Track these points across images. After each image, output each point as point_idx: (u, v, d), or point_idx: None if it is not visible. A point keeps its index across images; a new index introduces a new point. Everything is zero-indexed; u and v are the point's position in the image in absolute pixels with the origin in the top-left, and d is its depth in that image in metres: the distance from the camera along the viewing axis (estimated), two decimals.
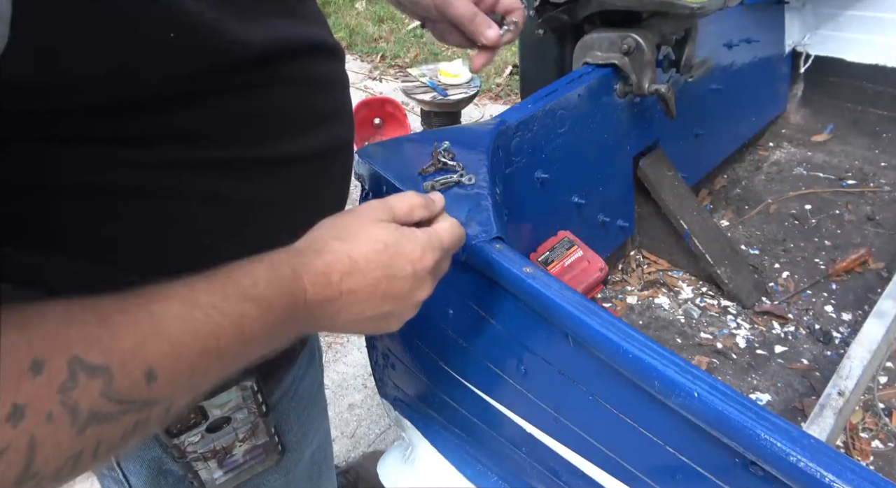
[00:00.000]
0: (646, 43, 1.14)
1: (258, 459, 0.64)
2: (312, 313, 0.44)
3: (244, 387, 0.56)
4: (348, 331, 0.49)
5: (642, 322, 1.36)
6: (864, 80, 1.77)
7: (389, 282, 0.47)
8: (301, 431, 0.72)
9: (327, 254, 0.44)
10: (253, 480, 0.68)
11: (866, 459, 1.11)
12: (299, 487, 0.77)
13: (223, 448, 0.59)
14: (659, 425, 0.61)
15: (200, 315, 0.36)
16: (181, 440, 0.55)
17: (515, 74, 3.69)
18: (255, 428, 0.60)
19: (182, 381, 0.35)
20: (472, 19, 0.69)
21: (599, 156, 1.26)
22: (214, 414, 0.56)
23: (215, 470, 0.60)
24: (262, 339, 0.40)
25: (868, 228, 1.54)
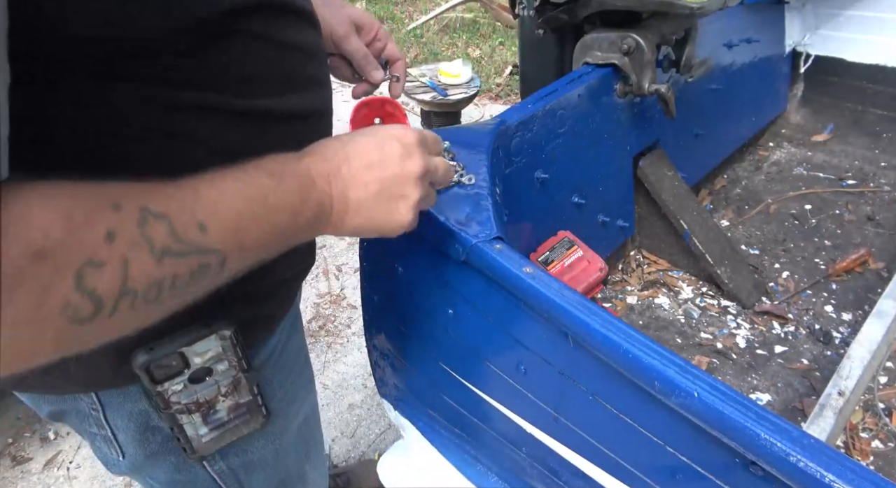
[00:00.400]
0: (646, 43, 1.14)
1: (242, 419, 0.66)
2: (323, 189, 0.51)
3: (223, 337, 0.58)
4: (363, 221, 0.54)
5: (642, 322, 1.36)
6: (864, 80, 1.77)
7: (378, 151, 0.54)
8: (286, 399, 0.74)
9: (323, 143, 0.54)
10: (240, 444, 0.69)
11: (866, 459, 1.11)
12: (288, 459, 0.80)
13: (206, 401, 0.61)
14: (659, 425, 0.61)
15: (235, 185, 0.44)
16: (165, 387, 0.57)
17: (515, 74, 3.69)
18: (237, 384, 0.62)
19: (229, 237, 0.42)
20: (363, 57, 0.79)
21: (599, 156, 1.26)
22: (195, 363, 0.57)
23: (200, 425, 0.62)
24: (285, 208, 0.47)
25: (868, 228, 1.54)
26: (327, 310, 2.17)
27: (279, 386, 0.72)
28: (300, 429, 0.81)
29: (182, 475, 0.69)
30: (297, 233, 0.50)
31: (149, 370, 0.55)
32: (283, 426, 0.75)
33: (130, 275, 0.36)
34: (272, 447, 0.75)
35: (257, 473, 0.75)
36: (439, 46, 4.24)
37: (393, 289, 0.89)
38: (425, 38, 4.35)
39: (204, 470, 0.70)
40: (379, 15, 4.75)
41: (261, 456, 0.74)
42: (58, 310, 0.33)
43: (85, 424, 0.64)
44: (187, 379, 0.58)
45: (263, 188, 0.46)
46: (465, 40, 4.30)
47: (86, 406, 0.61)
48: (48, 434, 1.81)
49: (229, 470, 0.72)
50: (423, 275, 0.82)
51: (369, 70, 0.79)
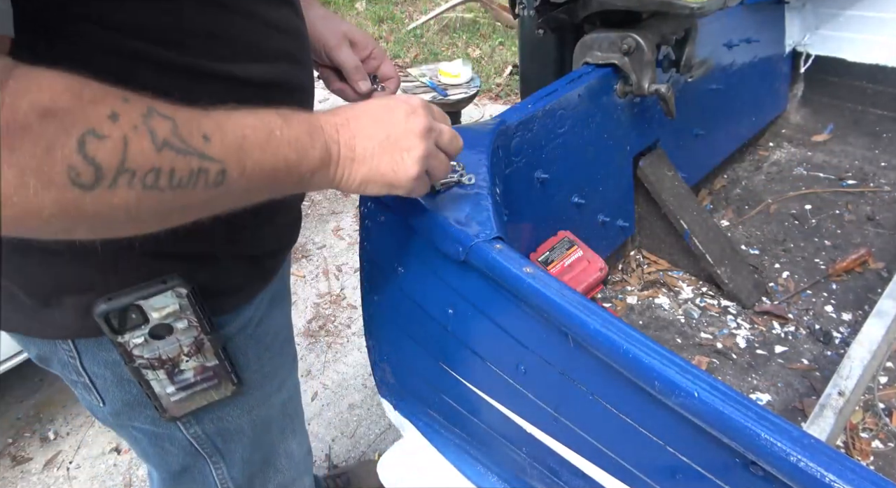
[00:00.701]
0: (646, 43, 1.14)
1: (210, 383, 0.68)
2: (331, 135, 0.55)
3: (179, 294, 0.60)
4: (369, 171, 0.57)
5: (642, 322, 1.36)
6: (864, 80, 1.77)
7: (385, 110, 0.59)
8: (263, 373, 0.76)
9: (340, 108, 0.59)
10: (214, 411, 0.73)
11: (866, 459, 1.11)
12: (269, 435, 0.83)
13: (170, 359, 0.63)
14: (659, 425, 0.61)
15: (243, 114, 0.49)
16: (126, 339, 0.60)
17: (515, 74, 3.69)
18: (200, 345, 0.64)
19: (231, 154, 0.46)
20: (353, 69, 0.82)
21: (599, 156, 1.26)
22: (153, 318, 0.60)
23: (167, 383, 0.65)
24: (289, 143, 0.51)
25: (868, 228, 1.54)
26: (327, 310, 2.17)
27: (255, 358, 0.74)
28: (284, 407, 0.84)
29: (161, 429, 0.72)
30: (303, 175, 0.53)
31: (108, 319, 0.58)
32: (260, 399, 0.78)
33: (130, 154, 0.40)
34: (248, 418, 0.77)
35: (235, 443, 0.78)
36: (439, 46, 4.24)
37: (393, 288, 0.89)
38: (425, 38, 4.35)
39: (180, 432, 0.73)
40: (379, 15, 4.75)
41: (237, 426, 0.77)
42: (61, 168, 0.37)
43: (66, 371, 0.67)
44: (147, 334, 0.61)
45: (271, 122, 0.50)
46: (465, 40, 4.30)
47: (65, 353, 0.64)
48: (48, 434, 1.81)
49: (205, 436, 0.75)
50: (423, 275, 0.82)
51: (356, 79, 0.83)
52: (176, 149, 0.42)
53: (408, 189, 0.60)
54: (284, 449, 0.88)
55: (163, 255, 0.60)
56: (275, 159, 0.50)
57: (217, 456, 0.78)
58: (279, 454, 0.87)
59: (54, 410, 1.89)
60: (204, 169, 0.44)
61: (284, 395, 0.84)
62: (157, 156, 0.41)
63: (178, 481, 0.80)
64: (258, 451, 0.82)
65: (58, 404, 1.91)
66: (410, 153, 0.58)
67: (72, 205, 0.38)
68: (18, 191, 0.35)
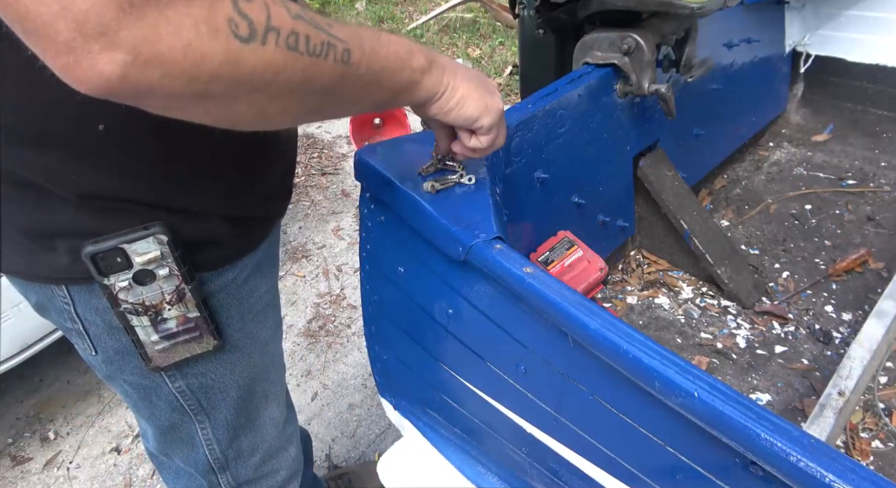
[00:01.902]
0: (646, 43, 1.14)
1: (192, 335, 0.71)
2: (433, 54, 0.62)
3: (161, 241, 0.64)
4: (467, 89, 0.64)
5: (642, 322, 1.36)
6: (864, 80, 1.77)
7: (478, 79, 0.67)
8: (244, 331, 0.79)
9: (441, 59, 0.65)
10: (197, 366, 0.76)
11: (866, 459, 1.11)
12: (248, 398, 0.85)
13: (153, 305, 0.67)
14: (659, 425, 0.62)
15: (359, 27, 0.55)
16: (111, 282, 0.64)
17: (515, 74, 3.68)
18: (181, 295, 0.68)
19: (352, 38, 0.52)
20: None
21: (599, 156, 1.26)
22: (136, 262, 0.64)
23: (151, 331, 0.69)
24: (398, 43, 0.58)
25: (868, 228, 1.54)
26: (327, 310, 2.17)
27: (237, 317, 0.77)
28: (266, 372, 0.87)
29: (148, 381, 0.76)
30: (413, 72, 0.59)
31: (95, 261, 0.62)
32: (242, 359, 0.81)
33: (273, 14, 0.45)
34: (232, 378, 0.81)
35: (219, 402, 0.82)
36: (439, 46, 4.24)
37: (393, 289, 0.89)
38: (425, 38, 4.35)
39: (166, 385, 0.77)
40: (379, 15, 4.75)
41: (220, 385, 0.80)
42: (223, 18, 0.42)
43: (62, 319, 0.71)
44: (132, 278, 0.64)
45: (379, 32, 0.56)
46: (465, 40, 4.30)
47: (60, 300, 0.68)
48: (48, 434, 1.81)
49: (189, 392, 0.78)
50: (423, 275, 0.82)
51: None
52: (307, 22, 0.48)
53: (498, 116, 0.67)
54: (269, 415, 0.91)
55: (152, 206, 0.63)
56: (387, 51, 0.55)
57: (202, 415, 0.81)
58: (264, 421, 0.90)
59: (54, 410, 1.89)
60: (332, 44, 0.49)
61: (267, 359, 0.87)
62: (293, 22, 0.46)
63: (167, 437, 0.83)
64: (242, 414, 0.85)
65: (58, 404, 1.91)
66: (496, 98, 0.67)
67: (234, 56, 0.43)
68: (196, 36, 0.41)
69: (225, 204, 0.69)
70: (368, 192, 0.86)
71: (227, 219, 0.70)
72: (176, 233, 0.65)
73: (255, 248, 0.77)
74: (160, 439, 0.84)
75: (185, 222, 0.66)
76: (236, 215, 0.71)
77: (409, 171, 0.79)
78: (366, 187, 0.85)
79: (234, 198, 0.70)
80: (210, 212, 0.68)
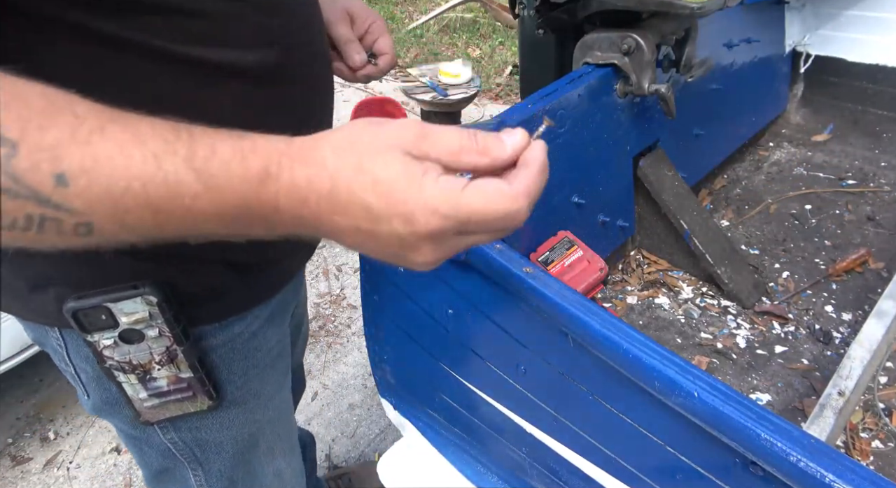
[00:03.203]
0: (646, 43, 1.14)
1: (186, 395, 0.66)
2: (295, 223, 0.40)
3: (150, 302, 0.58)
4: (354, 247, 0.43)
5: (642, 322, 1.36)
6: (864, 80, 1.77)
7: (370, 235, 0.40)
8: (247, 388, 0.72)
9: (313, 166, 0.38)
10: (191, 421, 0.70)
11: (866, 459, 1.11)
12: (255, 451, 0.78)
13: (140, 365, 0.62)
14: (659, 425, 0.61)
15: (138, 155, 0.35)
16: (95, 339, 0.59)
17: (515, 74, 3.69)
18: (172, 356, 0.62)
19: (101, 206, 0.35)
20: (346, 42, 0.76)
21: (599, 156, 1.26)
22: (123, 322, 0.58)
23: (139, 388, 0.64)
24: (212, 219, 0.38)
25: (868, 228, 1.54)
26: (327, 310, 2.17)
27: (240, 373, 0.70)
28: (272, 426, 0.80)
29: (138, 431, 0.71)
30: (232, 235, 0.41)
31: (77, 317, 0.58)
32: (242, 417, 0.74)
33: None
34: (229, 434, 0.74)
35: (214, 456, 0.75)
36: (439, 46, 4.24)
37: (393, 288, 0.89)
38: (425, 38, 4.35)
39: (157, 436, 0.71)
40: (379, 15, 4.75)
41: (216, 440, 0.73)
42: None
43: (57, 358, 0.67)
44: (117, 337, 0.59)
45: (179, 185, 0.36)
46: (465, 40, 4.30)
47: (54, 341, 0.64)
48: (48, 434, 1.81)
49: (183, 444, 0.72)
50: (423, 276, 0.82)
51: (349, 53, 0.76)
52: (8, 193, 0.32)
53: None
54: (274, 469, 0.84)
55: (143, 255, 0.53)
56: (184, 227, 0.38)
57: (195, 464, 0.75)
58: (266, 473, 0.83)
59: (54, 410, 1.89)
60: (52, 218, 0.34)
61: (272, 413, 0.79)
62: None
63: (159, 478, 0.78)
64: (240, 467, 0.79)
65: (58, 404, 1.91)
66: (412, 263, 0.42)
67: None
68: None
69: (228, 249, 0.57)
70: None
71: (232, 267, 0.62)
72: (171, 287, 0.58)
73: (267, 299, 0.70)
74: (152, 480, 0.80)
75: (182, 273, 0.59)
76: (243, 261, 0.63)
77: None
78: None
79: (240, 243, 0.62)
80: (211, 260, 0.60)
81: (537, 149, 0.42)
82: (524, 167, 0.41)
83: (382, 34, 0.79)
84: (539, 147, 0.42)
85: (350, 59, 0.76)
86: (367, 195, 0.38)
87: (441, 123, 2.04)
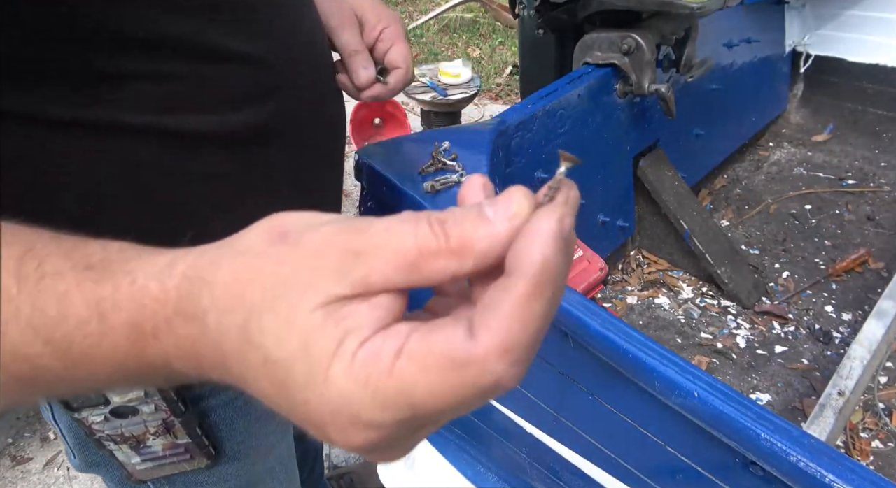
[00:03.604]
0: (646, 43, 1.14)
1: (183, 457, 0.62)
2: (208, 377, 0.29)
3: None
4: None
5: (642, 322, 1.36)
6: (864, 80, 1.77)
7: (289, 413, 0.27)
8: (248, 443, 0.68)
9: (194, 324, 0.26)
10: (188, 476, 0.65)
11: (866, 459, 1.11)
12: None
13: (134, 436, 0.57)
14: (659, 425, 0.61)
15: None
16: (83, 416, 0.53)
17: (515, 74, 3.69)
18: (169, 427, 0.57)
19: None
20: (353, 53, 0.63)
21: (599, 156, 1.26)
22: (114, 401, 0.53)
23: (132, 455, 0.59)
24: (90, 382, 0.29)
25: (868, 228, 1.54)
26: None
27: (242, 429, 0.65)
28: (272, 473, 0.75)
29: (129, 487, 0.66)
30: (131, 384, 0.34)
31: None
32: (243, 469, 0.69)
33: None
34: (226, 486, 0.69)
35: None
36: (439, 46, 4.24)
37: None
38: (425, 38, 4.35)
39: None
40: None
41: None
42: None
43: (45, 415, 0.63)
44: (108, 413, 0.54)
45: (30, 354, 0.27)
46: (465, 40, 4.30)
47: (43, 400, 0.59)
48: (48, 434, 1.81)
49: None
50: None
51: (354, 66, 0.63)
52: None
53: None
54: None
55: None
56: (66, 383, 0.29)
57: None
58: None
59: None
60: None
61: (273, 461, 0.73)
62: None
63: None
64: None
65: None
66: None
67: None
68: None
69: None
70: (368, 192, 0.85)
71: None
72: None
73: None
74: None
75: None
76: None
77: (409, 171, 0.79)
78: (366, 187, 0.85)
79: None
80: None
81: (544, 233, 0.24)
82: (508, 289, 0.23)
83: (397, 41, 0.66)
84: (548, 226, 0.24)
85: (355, 74, 0.63)
86: (260, 383, 0.26)
87: (441, 123, 2.04)
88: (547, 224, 0.24)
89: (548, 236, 0.24)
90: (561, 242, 0.24)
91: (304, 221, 0.26)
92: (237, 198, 0.51)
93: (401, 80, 0.65)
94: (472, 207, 0.25)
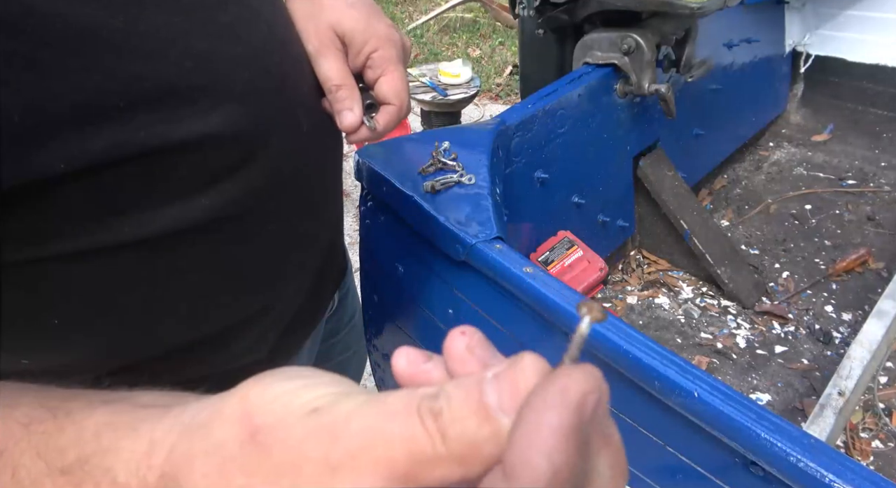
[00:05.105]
0: (646, 43, 1.14)
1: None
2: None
3: None
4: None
5: (642, 322, 1.36)
6: (864, 80, 1.77)
7: None
8: None
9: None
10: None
11: (866, 459, 1.11)
12: None
13: None
14: (659, 425, 0.61)
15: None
16: None
17: (515, 74, 3.69)
18: None
19: None
20: (334, 89, 0.51)
21: (599, 156, 1.26)
22: None
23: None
24: None
25: (868, 228, 1.54)
26: None
27: None
28: None
29: None
30: None
31: None
32: None
33: None
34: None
35: None
36: (439, 46, 4.24)
37: (393, 289, 0.89)
38: (425, 38, 4.35)
39: None
40: None
41: None
42: None
43: None
44: None
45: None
46: (465, 40, 4.30)
47: None
48: None
49: None
50: (423, 276, 0.82)
51: (338, 107, 0.51)
52: None
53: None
54: None
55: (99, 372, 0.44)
56: None
57: None
58: None
59: None
60: None
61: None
62: None
63: None
64: None
65: None
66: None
67: None
68: None
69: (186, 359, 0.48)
70: (368, 192, 0.85)
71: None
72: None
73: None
74: None
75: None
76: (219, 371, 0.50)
77: (409, 171, 0.79)
78: (365, 187, 0.85)
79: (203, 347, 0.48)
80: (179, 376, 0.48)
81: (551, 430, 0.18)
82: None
83: (388, 69, 0.52)
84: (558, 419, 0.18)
85: (338, 116, 0.51)
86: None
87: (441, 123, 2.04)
88: (557, 417, 0.18)
89: (557, 434, 0.18)
90: (575, 438, 0.18)
91: (277, 413, 0.22)
92: (212, 306, 0.48)
93: (392, 121, 0.53)
94: (470, 388, 0.20)
